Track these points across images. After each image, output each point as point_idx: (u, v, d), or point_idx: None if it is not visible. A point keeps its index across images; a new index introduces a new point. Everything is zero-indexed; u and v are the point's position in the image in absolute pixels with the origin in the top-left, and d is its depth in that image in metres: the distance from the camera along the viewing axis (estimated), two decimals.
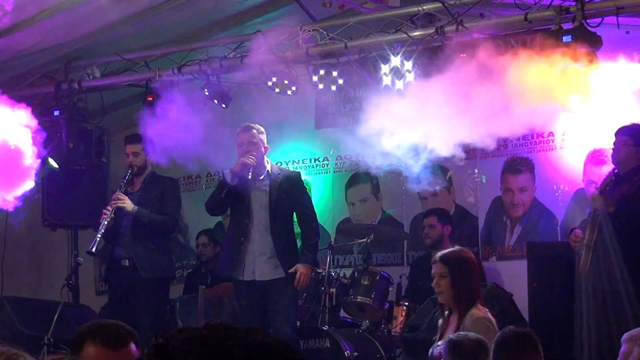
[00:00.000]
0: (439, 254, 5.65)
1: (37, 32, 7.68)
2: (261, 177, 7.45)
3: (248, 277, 7.34)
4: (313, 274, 7.53)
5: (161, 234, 8.05)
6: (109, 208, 7.71)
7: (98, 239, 7.61)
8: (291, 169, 9.06)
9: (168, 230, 8.15)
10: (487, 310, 5.51)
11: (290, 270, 7.29)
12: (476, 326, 5.28)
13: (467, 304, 5.47)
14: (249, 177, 7.28)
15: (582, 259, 6.86)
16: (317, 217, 7.79)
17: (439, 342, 5.55)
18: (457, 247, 5.79)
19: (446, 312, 5.68)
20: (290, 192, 7.44)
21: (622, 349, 4.28)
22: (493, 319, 5.45)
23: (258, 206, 7.40)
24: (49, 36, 7.85)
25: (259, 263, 7.32)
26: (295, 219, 7.65)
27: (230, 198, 7.43)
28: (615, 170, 7.01)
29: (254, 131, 7.40)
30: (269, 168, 7.52)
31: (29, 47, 7.92)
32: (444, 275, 5.52)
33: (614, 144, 7.04)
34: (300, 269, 7.32)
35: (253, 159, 7.28)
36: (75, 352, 3.49)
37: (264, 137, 7.45)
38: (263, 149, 7.44)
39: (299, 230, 7.73)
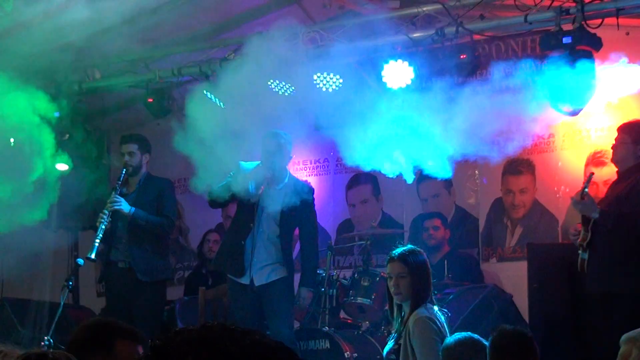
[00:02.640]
0: (397, 253, 5.53)
1: (38, 32, 7.68)
2: (278, 187, 7.36)
3: (246, 281, 7.31)
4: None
5: (158, 235, 8.03)
6: (105, 212, 7.71)
7: (97, 244, 7.58)
8: (308, 184, 8.96)
9: (165, 232, 8.12)
10: (432, 308, 5.42)
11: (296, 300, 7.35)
12: (416, 325, 5.28)
13: (418, 303, 5.41)
14: (260, 191, 7.20)
15: (579, 259, 6.86)
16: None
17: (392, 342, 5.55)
18: (411, 247, 5.71)
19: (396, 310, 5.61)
20: (300, 206, 7.31)
21: (621, 350, 4.28)
22: (437, 318, 5.36)
23: (266, 214, 7.32)
24: (50, 36, 7.85)
25: (260, 270, 7.27)
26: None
27: (237, 196, 7.37)
28: (592, 174, 6.98)
29: (279, 139, 7.32)
30: (287, 179, 7.42)
31: (30, 47, 7.91)
32: (403, 275, 5.43)
33: (615, 140, 7.03)
34: (303, 293, 7.32)
35: (271, 173, 7.20)
36: (104, 351, 3.45)
37: (290, 146, 7.39)
38: (286, 159, 7.38)
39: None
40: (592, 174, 6.98)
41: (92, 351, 3.42)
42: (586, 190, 6.62)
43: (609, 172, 7.35)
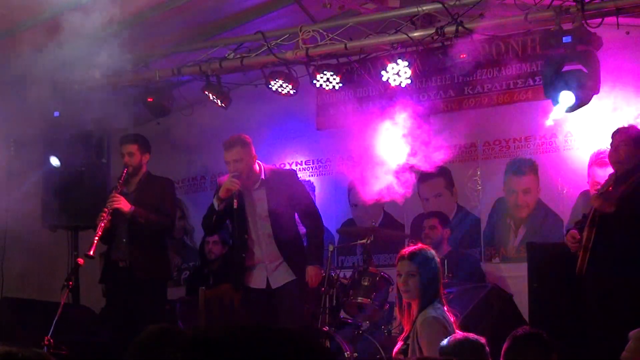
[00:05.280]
0: (407, 252, 5.53)
1: (38, 32, 7.70)
2: (255, 187, 7.37)
3: (259, 286, 7.34)
4: (323, 272, 7.49)
5: (158, 234, 8.04)
6: (106, 210, 7.72)
7: (96, 241, 7.59)
8: (288, 168, 9.01)
9: (164, 231, 8.14)
10: (440, 308, 5.37)
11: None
12: (422, 325, 5.25)
13: (427, 302, 5.38)
14: (235, 205, 7.19)
15: (579, 260, 6.85)
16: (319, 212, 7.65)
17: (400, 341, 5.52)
18: (421, 246, 5.70)
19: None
20: (287, 192, 7.36)
21: (631, 345, 4.29)
22: (444, 318, 5.31)
23: (257, 217, 7.34)
24: (50, 36, 7.86)
25: (270, 271, 7.29)
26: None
27: (222, 219, 7.41)
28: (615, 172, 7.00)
29: (238, 147, 7.27)
30: (262, 175, 7.40)
31: (30, 48, 7.93)
32: (412, 274, 5.42)
33: (613, 144, 7.02)
34: (310, 272, 7.29)
35: (237, 183, 7.16)
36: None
37: (249, 148, 7.30)
38: (251, 161, 7.31)
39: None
40: (615, 171, 7.00)
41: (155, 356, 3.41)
42: (610, 190, 6.66)
43: (610, 172, 7.34)
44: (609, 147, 7.06)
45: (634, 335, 4.48)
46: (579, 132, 8.49)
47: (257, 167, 7.41)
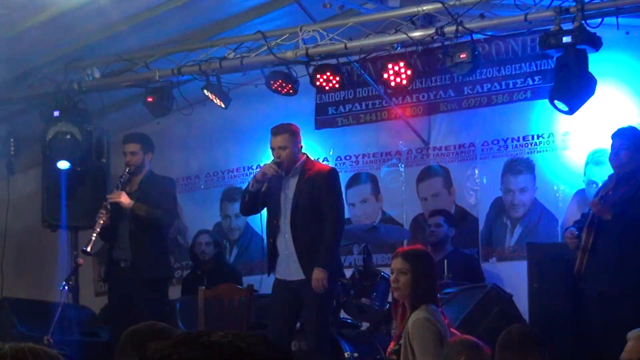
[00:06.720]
0: (401, 250, 5.59)
1: (37, 32, 7.70)
2: (290, 175, 7.27)
3: (280, 276, 7.28)
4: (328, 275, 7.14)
5: (159, 234, 8.04)
6: (104, 205, 7.73)
7: (94, 238, 7.61)
8: (330, 165, 8.81)
9: (165, 225, 8.14)
10: (435, 310, 5.35)
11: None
12: (414, 326, 5.25)
13: (419, 303, 5.37)
14: (263, 188, 7.20)
15: (577, 260, 6.86)
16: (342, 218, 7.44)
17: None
18: (418, 246, 5.74)
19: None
20: (317, 191, 7.18)
21: (630, 345, 4.31)
22: (437, 320, 5.29)
23: (285, 207, 7.26)
24: (50, 36, 7.86)
25: (288, 263, 7.21)
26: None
27: (254, 201, 7.34)
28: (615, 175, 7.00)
29: (285, 135, 7.23)
30: (301, 165, 7.29)
31: (29, 47, 7.93)
32: (404, 272, 5.41)
33: (613, 146, 7.03)
34: (314, 274, 7.03)
35: (275, 168, 7.16)
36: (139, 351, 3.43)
37: (295, 137, 7.28)
38: (295, 149, 7.28)
39: None
40: (613, 175, 7.00)
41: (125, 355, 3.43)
42: (610, 193, 6.66)
43: (608, 171, 7.36)
44: (609, 149, 7.08)
45: (632, 335, 4.50)
46: (578, 131, 8.50)
47: (300, 157, 7.34)
